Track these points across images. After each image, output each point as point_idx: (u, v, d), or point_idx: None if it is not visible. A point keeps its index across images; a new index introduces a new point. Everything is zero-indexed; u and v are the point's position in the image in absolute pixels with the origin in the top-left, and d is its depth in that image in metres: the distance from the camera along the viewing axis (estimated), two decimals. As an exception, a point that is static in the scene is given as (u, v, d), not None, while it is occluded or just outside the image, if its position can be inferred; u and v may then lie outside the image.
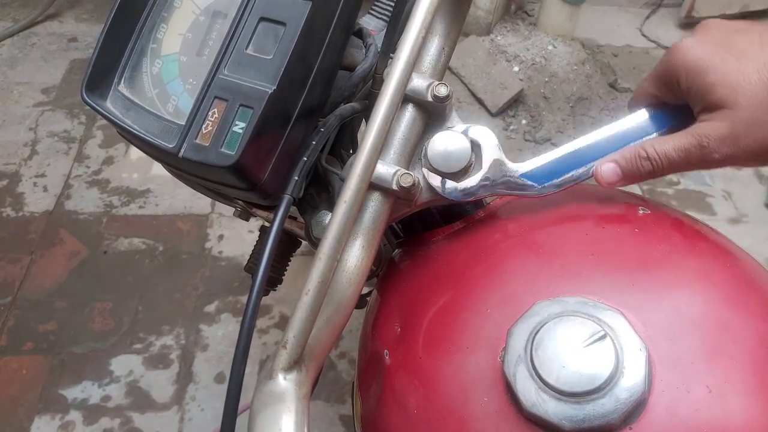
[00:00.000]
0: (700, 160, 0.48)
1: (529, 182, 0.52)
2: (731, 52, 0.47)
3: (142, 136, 0.47)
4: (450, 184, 0.52)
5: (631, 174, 0.50)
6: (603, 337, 0.42)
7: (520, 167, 0.53)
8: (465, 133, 0.52)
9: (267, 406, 0.41)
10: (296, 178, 0.48)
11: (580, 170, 0.52)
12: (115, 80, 0.50)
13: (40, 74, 2.07)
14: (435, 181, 0.52)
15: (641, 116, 0.53)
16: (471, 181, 0.52)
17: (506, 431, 0.43)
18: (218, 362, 1.41)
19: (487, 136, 0.52)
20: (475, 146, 0.52)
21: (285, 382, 0.42)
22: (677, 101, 0.51)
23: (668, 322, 0.44)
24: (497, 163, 0.52)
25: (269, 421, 0.40)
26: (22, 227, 1.65)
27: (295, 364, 0.43)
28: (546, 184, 0.52)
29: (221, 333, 1.46)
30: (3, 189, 1.74)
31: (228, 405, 0.40)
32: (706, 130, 0.47)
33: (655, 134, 0.52)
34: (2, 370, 1.37)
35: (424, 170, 0.52)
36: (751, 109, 0.45)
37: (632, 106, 0.55)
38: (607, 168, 0.51)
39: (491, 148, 0.52)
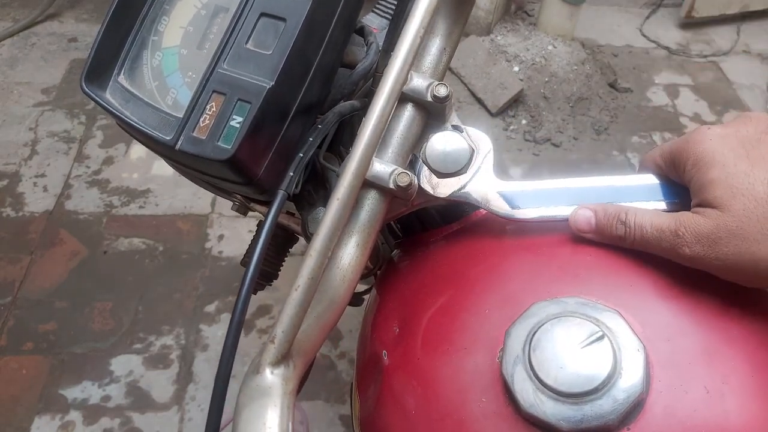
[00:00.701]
0: (670, 247, 0.45)
1: (503, 203, 0.51)
2: (751, 154, 0.43)
3: (140, 127, 0.47)
4: (438, 182, 0.51)
5: (603, 231, 0.48)
6: (601, 338, 0.41)
7: (504, 185, 0.51)
8: (468, 136, 0.52)
9: (253, 401, 0.41)
10: (291, 173, 0.48)
11: (559, 209, 0.50)
12: (115, 72, 0.50)
13: (40, 74, 2.07)
14: (425, 178, 0.52)
15: (646, 180, 0.51)
16: (456, 183, 0.51)
17: None
18: (218, 362, 1.41)
19: (484, 145, 0.52)
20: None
21: (272, 377, 0.42)
22: (680, 182, 0.48)
23: (666, 322, 0.44)
24: (483, 175, 0.51)
25: (254, 416, 0.40)
26: (22, 227, 1.65)
27: (282, 359, 0.42)
28: (518, 210, 0.51)
29: (221, 333, 1.46)
30: (3, 189, 1.74)
31: (214, 397, 0.40)
32: (688, 221, 0.44)
33: (652, 203, 0.50)
34: (2, 370, 1.37)
35: (420, 166, 0.52)
36: (743, 220, 0.42)
37: (642, 167, 0.52)
38: (582, 214, 0.49)
39: (486, 160, 0.52)
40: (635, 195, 0.50)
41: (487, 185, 0.51)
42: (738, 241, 0.42)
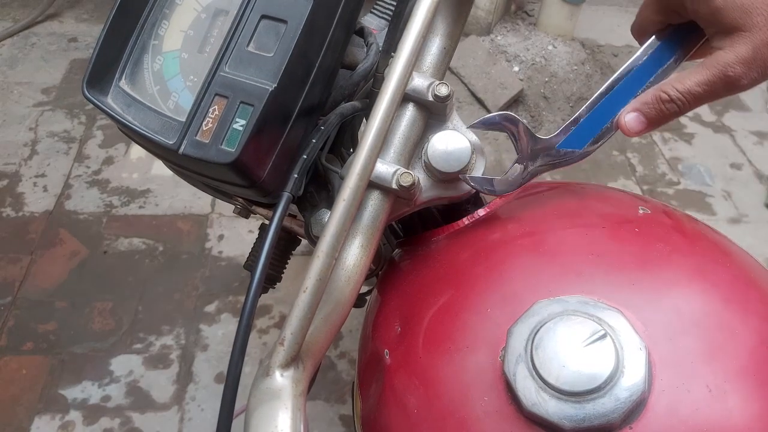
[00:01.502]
0: (726, 89, 0.45)
1: (570, 150, 0.51)
2: None
3: (143, 132, 0.47)
4: (497, 182, 0.52)
5: (657, 119, 0.49)
6: (603, 337, 0.42)
7: (555, 140, 0.52)
8: (488, 122, 0.52)
9: (263, 403, 0.41)
10: (295, 175, 0.48)
11: (610, 122, 0.51)
12: (117, 76, 0.50)
13: (40, 74, 2.07)
14: (479, 184, 0.52)
15: (652, 47, 0.51)
16: (513, 172, 0.52)
17: (506, 431, 0.43)
18: (218, 362, 1.41)
19: (517, 124, 0.52)
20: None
21: (282, 379, 0.42)
22: (683, 20, 0.49)
23: (668, 321, 0.44)
24: (531, 144, 0.52)
25: (266, 418, 0.40)
26: (22, 227, 1.65)
27: (292, 361, 0.43)
28: (587, 146, 0.51)
29: (221, 333, 1.46)
30: (3, 189, 1.74)
31: (225, 400, 0.40)
32: (728, 57, 0.44)
33: (670, 61, 0.50)
34: (2, 370, 1.37)
35: (462, 176, 0.52)
36: None
37: (638, 35, 0.53)
38: (630, 118, 0.49)
39: (522, 131, 0.52)
40: (653, 67, 0.51)
41: (545, 149, 0.52)
42: None
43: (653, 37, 0.51)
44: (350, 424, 1.36)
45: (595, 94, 0.52)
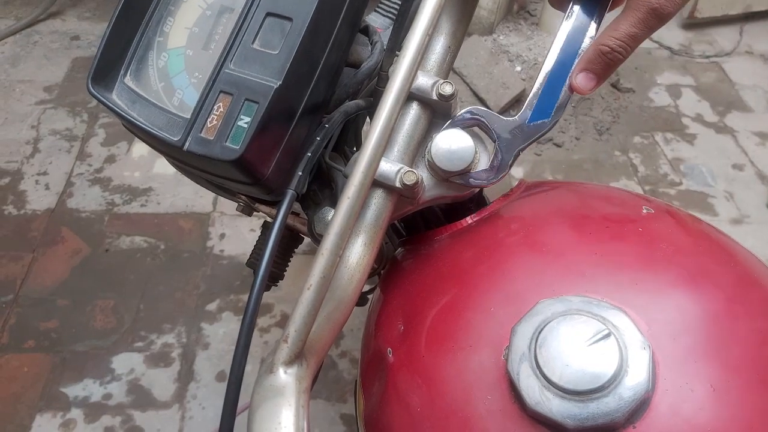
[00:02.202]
0: (658, 20, 0.48)
1: (540, 121, 0.53)
2: None
3: (147, 128, 0.47)
4: (482, 175, 0.52)
5: (604, 71, 0.51)
6: (607, 336, 0.42)
7: (523, 116, 0.53)
8: (457, 123, 0.53)
9: (267, 400, 0.41)
10: (300, 173, 0.48)
11: (565, 87, 0.53)
12: (121, 73, 0.50)
13: (42, 72, 2.07)
14: (468, 181, 0.52)
15: (573, 12, 0.53)
16: (497, 158, 0.53)
17: (510, 429, 0.43)
18: (219, 361, 1.41)
19: (484, 115, 0.53)
20: (477, 132, 0.53)
21: (285, 376, 0.42)
22: None
23: (672, 321, 0.44)
24: (503, 127, 0.53)
25: (269, 415, 0.40)
26: (24, 225, 1.65)
27: (295, 358, 0.43)
28: (553, 113, 0.53)
29: (222, 331, 1.46)
30: (5, 187, 1.74)
31: (228, 399, 0.40)
32: None
33: (593, 20, 0.53)
34: (4, 368, 1.37)
35: (451, 178, 0.53)
36: None
37: (558, 5, 0.55)
38: (581, 78, 0.51)
39: (490, 118, 0.53)
40: (580, 32, 0.53)
41: (518, 128, 0.53)
42: None
43: (570, 3, 0.53)
44: (351, 423, 1.36)
45: (542, 68, 0.53)
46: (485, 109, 0.54)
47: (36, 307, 1.48)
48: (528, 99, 0.53)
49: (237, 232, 1.65)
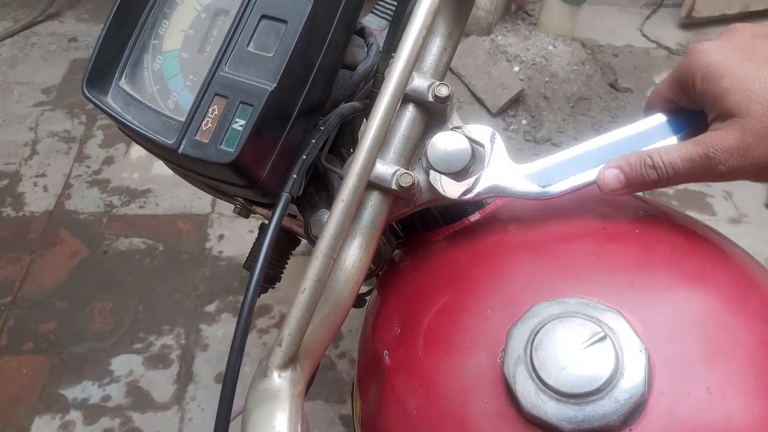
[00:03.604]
0: (705, 171, 0.45)
1: (533, 185, 0.51)
2: (753, 57, 0.44)
3: (142, 131, 0.47)
4: (448, 182, 0.51)
5: (635, 182, 0.48)
6: (603, 338, 0.42)
7: (526, 168, 0.51)
8: (468, 133, 0.52)
9: (261, 404, 0.41)
10: (295, 176, 0.48)
11: (587, 174, 0.50)
12: (116, 76, 0.50)
13: (40, 74, 2.07)
14: (435, 180, 0.51)
15: (656, 120, 0.51)
16: (470, 182, 0.51)
17: (506, 432, 0.43)
18: (218, 362, 1.41)
19: (489, 137, 0.52)
20: (477, 147, 0.52)
21: (280, 380, 0.42)
22: (693, 106, 0.48)
23: (668, 323, 0.44)
24: (501, 165, 0.51)
25: (263, 419, 0.40)
26: (23, 227, 1.65)
27: (290, 362, 0.43)
28: (550, 187, 0.51)
29: (221, 333, 1.46)
30: (3, 189, 1.74)
31: (223, 400, 0.40)
32: (715, 139, 0.44)
33: (668, 140, 0.50)
34: (2, 370, 1.37)
35: (428, 169, 0.52)
36: (765, 120, 0.42)
37: (648, 109, 0.52)
38: (610, 174, 0.49)
39: (496, 149, 0.52)
40: (651, 138, 0.50)
41: (509, 173, 0.51)
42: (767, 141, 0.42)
43: (660, 113, 0.51)
44: (350, 424, 1.36)
45: (584, 143, 0.51)
46: (499, 140, 0.51)
47: (34, 309, 1.48)
48: (544, 157, 0.51)
49: (236, 234, 1.65)
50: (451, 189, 0.51)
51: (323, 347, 0.47)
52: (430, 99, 0.51)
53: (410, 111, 0.52)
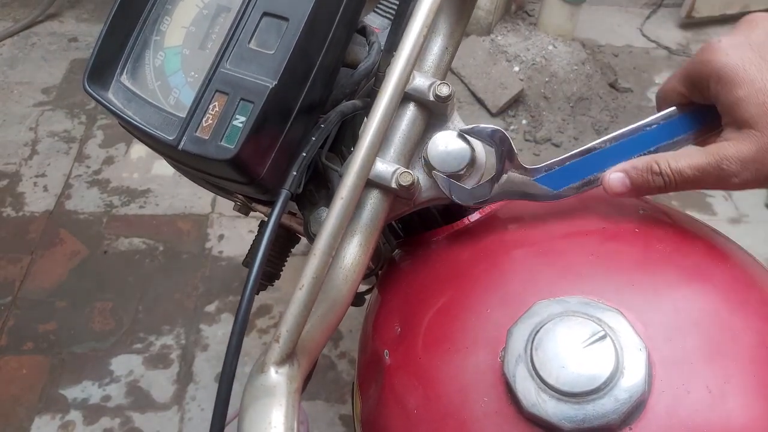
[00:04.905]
0: (716, 181, 0.44)
1: (545, 187, 0.50)
2: None
3: (143, 127, 0.47)
4: (457, 188, 0.51)
5: (641, 187, 0.47)
6: (603, 338, 0.41)
7: (535, 173, 0.51)
8: (478, 134, 0.51)
9: (257, 400, 0.41)
10: (295, 173, 0.48)
11: (599, 174, 0.50)
12: (118, 71, 0.50)
13: (40, 74, 2.07)
14: (443, 185, 0.51)
15: (668, 116, 0.50)
16: (482, 188, 0.51)
17: (506, 431, 0.43)
18: (218, 362, 1.41)
19: (499, 139, 0.51)
20: (489, 150, 0.51)
21: (276, 376, 0.42)
22: (706, 102, 0.47)
23: (668, 322, 0.44)
24: (511, 167, 0.51)
25: (259, 415, 0.40)
26: (23, 227, 1.65)
27: (287, 358, 0.43)
28: (562, 189, 0.50)
29: (221, 333, 1.46)
30: (3, 189, 1.74)
31: (219, 398, 0.40)
32: (729, 151, 0.43)
33: (682, 136, 0.49)
34: (2, 370, 1.37)
35: (434, 173, 0.51)
36: None
37: (660, 101, 0.51)
38: (615, 178, 0.48)
39: (507, 153, 0.51)
40: (661, 136, 0.49)
41: (522, 177, 0.51)
42: None
43: (674, 108, 0.50)
44: (350, 424, 1.36)
45: (596, 142, 0.50)
46: (511, 142, 0.50)
47: (34, 309, 1.48)
48: (554, 160, 0.51)
49: (236, 234, 1.65)
50: (463, 196, 0.51)
51: (321, 344, 0.47)
52: (431, 98, 0.51)
53: (411, 110, 0.52)
